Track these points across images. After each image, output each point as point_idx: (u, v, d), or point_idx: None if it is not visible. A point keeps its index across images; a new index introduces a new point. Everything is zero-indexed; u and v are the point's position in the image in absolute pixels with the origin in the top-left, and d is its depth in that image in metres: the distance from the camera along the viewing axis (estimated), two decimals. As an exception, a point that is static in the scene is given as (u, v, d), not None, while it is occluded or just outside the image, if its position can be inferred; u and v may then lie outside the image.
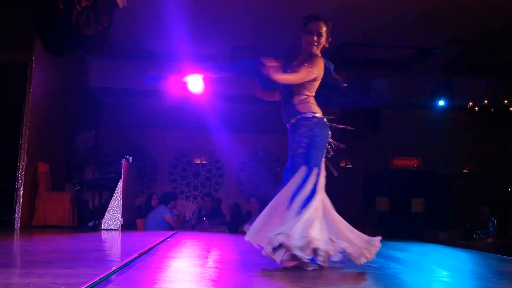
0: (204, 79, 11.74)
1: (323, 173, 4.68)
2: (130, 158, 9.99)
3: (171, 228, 9.84)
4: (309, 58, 4.85)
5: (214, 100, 12.44)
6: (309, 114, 4.71)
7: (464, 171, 14.96)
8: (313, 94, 4.85)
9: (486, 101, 11.85)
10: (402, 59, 12.28)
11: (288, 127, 4.91)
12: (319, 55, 4.94)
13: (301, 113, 4.74)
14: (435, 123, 13.96)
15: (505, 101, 11.77)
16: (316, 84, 4.84)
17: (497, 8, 9.41)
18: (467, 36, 10.78)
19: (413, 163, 14.25)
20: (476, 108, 11.91)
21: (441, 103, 12.97)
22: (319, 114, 4.73)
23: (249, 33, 10.91)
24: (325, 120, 4.76)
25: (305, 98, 4.79)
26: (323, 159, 4.73)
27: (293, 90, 4.83)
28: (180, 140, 14.54)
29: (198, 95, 12.05)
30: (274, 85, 5.00)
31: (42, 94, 9.57)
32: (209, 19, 10.13)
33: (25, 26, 8.89)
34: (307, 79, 4.74)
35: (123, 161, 9.36)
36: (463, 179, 14.75)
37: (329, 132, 4.77)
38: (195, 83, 11.88)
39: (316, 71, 4.76)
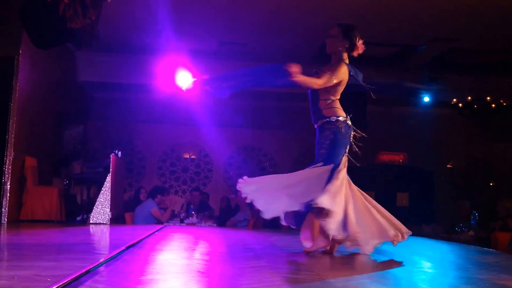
0: (193, 73, 11.82)
1: (342, 169, 5.03)
2: (119, 152, 9.97)
3: (158, 222, 9.84)
4: (333, 64, 5.14)
5: (203, 95, 12.42)
6: (333, 118, 5.07)
7: (448, 166, 15.05)
8: (338, 97, 5.18)
9: (469, 98, 11.93)
10: (387, 56, 12.33)
11: (316, 127, 5.25)
12: (345, 61, 5.18)
13: (326, 117, 5.10)
14: (420, 119, 14.04)
15: (488, 98, 11.85)
16: (340, 89, 5.17)
17: (480, 6, 9.46)
18: (451, 34, 10.84)
19: (398, 158, 14.33)
20: (460, 105, 11.99)
21: (426, 99, 13.04)
22: (342, 118, 5.08)
23: (236, 28, 10.90)
24: (348, 121, 5.13)
25: (330, 102, 5.12)
26: (345, 155, 5.13)
27: (318, 94, 5.14)
28: (169, 135, 14.53)
29: (187, 90, 12.09)
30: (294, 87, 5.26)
31: (29, 88, 9.54)
32: (197, 13, 10.12)
33: (12, 19, 8.82)
34: (328, 85, 5.02)
35: (112, 156, 9.35)
36: (446, 174, 14.87)
37: (351, 131, 5.17)
38: (184, 78, 11.97)
39: (337, 77, 5.03)
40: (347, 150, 5.15)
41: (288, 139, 14.45)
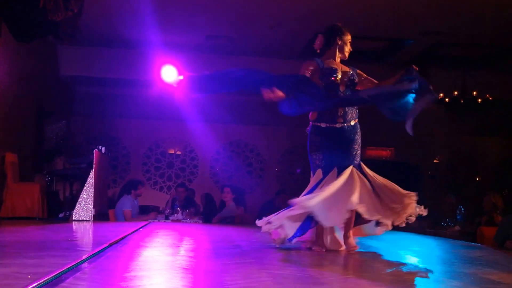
0: (178, 68, 11.73)
1: None
2: (103, 148, 9.87)
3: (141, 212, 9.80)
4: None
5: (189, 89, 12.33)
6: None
7: (435, 161, 15.09)
8: None
9: (456, 93, 11.94)
10: (374, 51, 12.31)
11: (345, 126, 5.19)
12: None
13: (356, 118, 5.30)
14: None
15: (474, 93, 11.87)
16: None
17: (467, 1, 9.45)
18: (439, 28, 10.83)
19: (385, 153, 14.34)
20: (447, 100, 11.98)
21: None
22: None
23: (223, 22, 10.82)
24: None
25: None
26: None
27: None
28: (154, 130, 14.43)
29: (172, 85, 11.99)
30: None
31: (9, 82, 9.41)
32: (183, 7, 10.03)
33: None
34: None
35: (95, 151, 9.25)
36: (433, 169, 14.91)
37: None
38: (169, 73, 11.87)
39: None
40: None
41: (275, 135, 14.40)
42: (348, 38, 5.30)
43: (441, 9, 9.83)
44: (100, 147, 9.69)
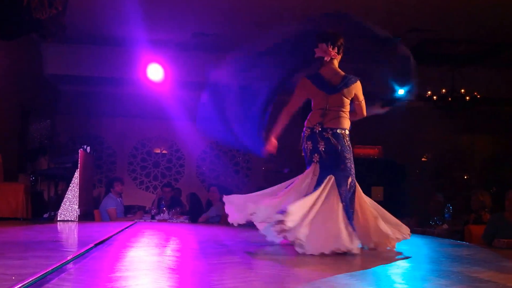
0: (164, 66, 11.70)
1: None
2: (88, 147, 9.79)
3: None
4: None
5: (174, 88, 12.30)
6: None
7: (423, 159, 15.13)
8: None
9: (444, 90, 11.96)
10: (361, 48, 12.27)
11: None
12: None
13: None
14: (395, 112, 14.00)
15: (462, 90, 11.90)
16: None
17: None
18: (426, 25, 10.84)
19: (373, 152, 14.35)
20: (435, 97, 12.01)
21: (401, 92, 12.99)
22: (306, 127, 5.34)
23: (210, 19, 10.76)
24: None
25: None
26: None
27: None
28: (140, 129, 14.36)
29: (158, 83, 11.95)
30: None
31: (-8, 80, 9.32)
32: (169, 4, 9.96)
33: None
34: None
35: (80, 151, 9.16)
36: (421, 167, 14.96)
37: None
38: (155, 71, 11.84)
39: None
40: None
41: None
42: None
43: (429, 6, 9.84)
44: (85, 146, 9.62)
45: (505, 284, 3.26)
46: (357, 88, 5.26)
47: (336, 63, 5.35)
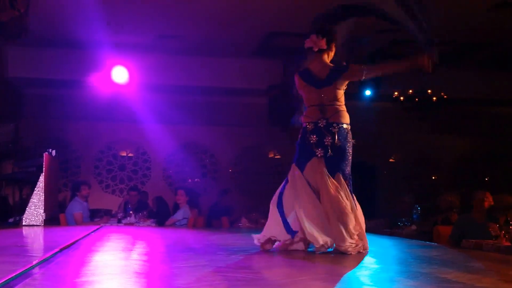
0: (129, 68, 11.61)
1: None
2: (53, 151, 9.66)
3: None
4: None
5: (140, 91, 12.21)
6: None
7: (390, 160, 15.25)
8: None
9: (411, 91, 12.05)
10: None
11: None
12: None
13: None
14: (362, 113, 14.10)
15: (429, 91, 12.01)
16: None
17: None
18: (393, 26, 10.90)
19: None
20: (402, 98, 12.09)
21: (368, 92, 13.10)
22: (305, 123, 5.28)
23: (175, 21, 10.69)
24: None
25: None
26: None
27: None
28: (105, 132, 14.20)
29: (123, 86, 11.85)
30: None
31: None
32: (132, 6, 9.87)
33: None
34: None
35: (45, 155, 9.04)
36: (389, 169, 15.06)
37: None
38: (120, 73, 11.73)
39: None
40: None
41: (229, 135, 14.33)
42: None
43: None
44: (50, 150, 9.50)
45: (473, 284, 3.28)
46: (351, 72, 5.22)
47: (326, 57, 5.30)
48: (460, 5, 9.84)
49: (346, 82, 5.20)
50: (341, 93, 5.20)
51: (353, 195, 5.09)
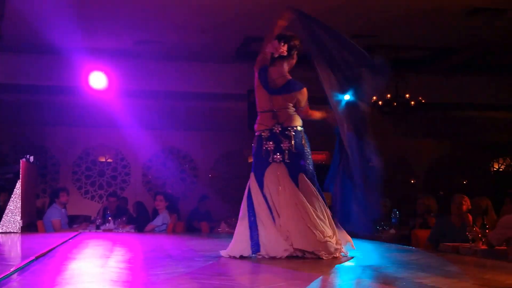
0: (108, 74, 11.54)
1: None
2: (31, 157, 9.57)
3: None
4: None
5: (119, 96, 12.14)
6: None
7: (370, 164, 15.27)
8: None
9: (389, 96, 12.13)
10: (305, 54, 12.36)
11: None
12: None
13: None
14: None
15: (407, 95, 12.09)
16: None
17: (396, 2, 9.60)
18: (368, 31, 10.97)
19: (320, 157, 14.45)
20: (380, 102, 12.16)
21: (347, 97, 13.13)
22: (258, 131, 5.27)
23: (153, 26, 10.65)
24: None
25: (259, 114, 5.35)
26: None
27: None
28: (84, 138, 14.10)
29: (101, 91, 11.77)
30: None
31: None
32: (109, 11, 9.80)
33: None
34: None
35: (22, 161, 8.95)
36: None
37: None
38: (98, 79, 11.66)
39: None
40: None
41: (208, 140, 14.30)
42: None
43: (370, 11, 9.94)
44: (28, 156, 9.40)
45: (449, 288, 3.29)
46: (301, 95, 5.24)
47: (286, 66, 5.34)
48: (434, 12, 9.93)
49: (294, 101, 5.22)
50: (290, 104, 5.25)
51: (322, 193, 5.16)
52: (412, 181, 15.31)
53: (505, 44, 11.59)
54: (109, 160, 14.40)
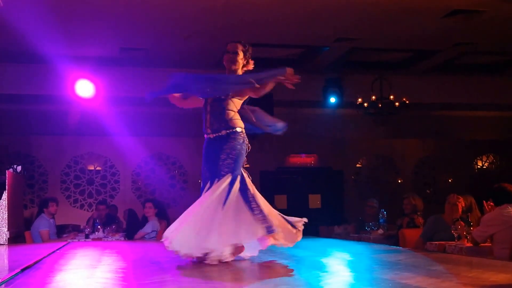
0: (94, 82, 11.51)
1: (246, 178, 5.38)
2: (19, 167, 9.50)
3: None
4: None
5: (106, 103, 12.11)
6: (238, 129, 5.27)
7: (357, 165, 15.35)
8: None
9: (374, 97, 12.20)
10: (291, 58, 12.42)
11: (213, 137, 5.48)
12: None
13: (232, 127, 5.27)
14: (328, 120, 14.26)
15: (391, 97, 12.18)
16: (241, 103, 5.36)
17: (379, 4, 9.63)
18: (352, 33, 11.02)
19: (309, 160, 14.51)
20: (366, 104, 12.24)
21: (333, 100, 13.23)
22: (242, 129, 5.31)
23: (137, 34, 10.65)
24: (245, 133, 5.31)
25: (235, 114, 5.31)
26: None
27: (226, 105, 5.29)
28: (72, 147, 14.04)
29: (88, 99, 11.74)
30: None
31: None
32: (93, 19, 9.79)
33: None
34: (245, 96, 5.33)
35: (8, 171, 8.88)
36: (356, 173, 15.19)
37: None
38: (84, 87, 11.63)
39: None
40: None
41: (197, 146, 14.19)
42: None
43: (354, 13, 9.98)
44: (15, 166, 9.34)
45: (434, 288, 3.30)
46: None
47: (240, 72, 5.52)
48: (413, 14, 9.99)
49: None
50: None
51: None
52: (400, 181, 15.38)
53: (482, 45, 11.72)
54: (98, 168, 14.34)
